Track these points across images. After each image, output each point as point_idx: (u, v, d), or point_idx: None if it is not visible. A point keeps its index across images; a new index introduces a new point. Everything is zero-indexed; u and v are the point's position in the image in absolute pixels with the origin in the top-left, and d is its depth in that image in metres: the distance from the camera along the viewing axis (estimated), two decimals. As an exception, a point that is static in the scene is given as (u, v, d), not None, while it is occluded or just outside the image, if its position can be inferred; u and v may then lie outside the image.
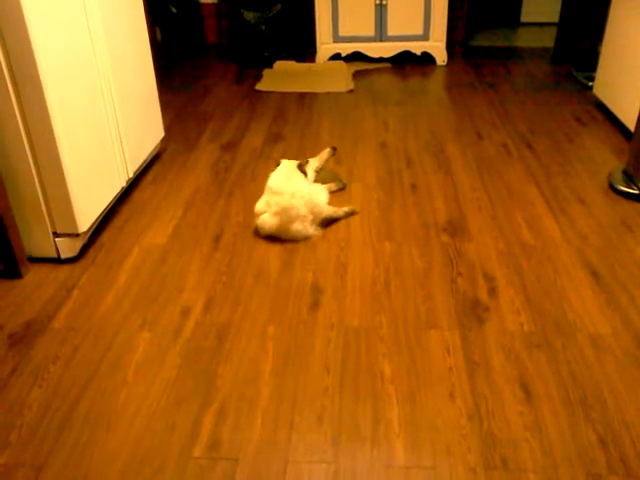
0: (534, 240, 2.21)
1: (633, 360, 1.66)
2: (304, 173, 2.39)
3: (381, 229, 2.30)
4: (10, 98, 1.85)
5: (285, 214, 2.19)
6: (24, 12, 1.75)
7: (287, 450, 1.43)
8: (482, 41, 4.80)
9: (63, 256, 2.13)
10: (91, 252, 2.20)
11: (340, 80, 3.93)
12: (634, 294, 1.91)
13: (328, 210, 2.32)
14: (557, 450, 1.40)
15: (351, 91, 3.77)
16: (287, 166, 2.38)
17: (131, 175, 2.54)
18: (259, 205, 2.27)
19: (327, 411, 1.53)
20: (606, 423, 1.47)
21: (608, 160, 2.80)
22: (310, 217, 2.23)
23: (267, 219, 2.22)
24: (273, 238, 2.24)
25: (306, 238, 2.23)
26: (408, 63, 4.27)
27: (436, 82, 3.96)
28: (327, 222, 2.32)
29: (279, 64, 4.26)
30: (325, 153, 2.56)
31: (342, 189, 2.58)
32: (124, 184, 2.47)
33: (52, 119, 1.89)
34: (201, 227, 2.34)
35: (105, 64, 2.27)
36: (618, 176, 2.57)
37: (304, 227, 2.22)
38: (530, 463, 1.38)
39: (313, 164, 2.47)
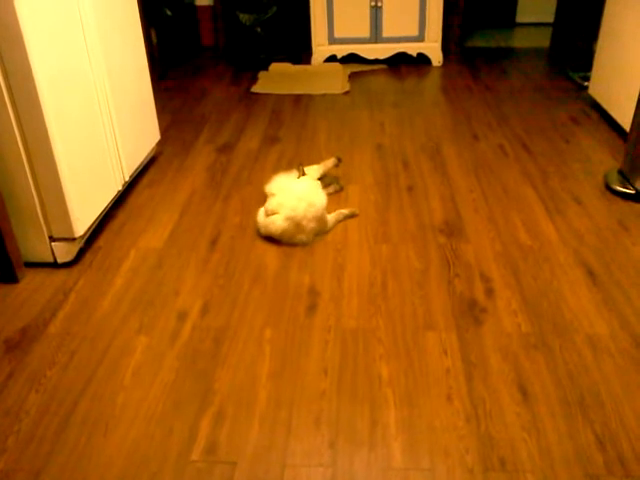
0: (531, 241, 2.21)
1: (631, 360, 1.66)
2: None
3: (378, 231, 2.30)
4: (6, 104, 1.84)
5: (297, 223, 2.18)
6: (20, 23, 1.75)
7: (284, 453, 1.43)
8: (478, 42, 4.81)
9: (59, 260, 2.12)
10: (88, 256, 2.20)
11: (336, 82, 3.94)
12: (631, 294, 1.92)
13: (332, 222, 2.32)
14: (555, 451, 1.41)
15: (347, 93, 3.77)
16: (310, 181, 2.39)
17: (127, 179, 2.53)
18: (271, 205, 2.24)
19: (324, 414, 1.52)
20: (604, 423, 1.47)
21: (604, 160, 2.81)
22: (316, 229, 2.24)
23: (277, 220, 2.19)
24: (271, 240, 2.24)
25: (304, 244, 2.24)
26: (404, 64, 4.27)
27: (432, 83, 3.97)
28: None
29: (275, 66, 4.26)
30: (330, 162, 2.59)
31: (339, 191, 2.58)
32: (120, 188, 2.47)
33: (48, 125, 1.89)
34: (198, 230, 2.34)
35: (101, 71, 2.26)
36: (614, 176, 2.58)
37: (307, 238, 2.22)
38: (528, 464, 1.38)
39: (317, 171, 2.49)
